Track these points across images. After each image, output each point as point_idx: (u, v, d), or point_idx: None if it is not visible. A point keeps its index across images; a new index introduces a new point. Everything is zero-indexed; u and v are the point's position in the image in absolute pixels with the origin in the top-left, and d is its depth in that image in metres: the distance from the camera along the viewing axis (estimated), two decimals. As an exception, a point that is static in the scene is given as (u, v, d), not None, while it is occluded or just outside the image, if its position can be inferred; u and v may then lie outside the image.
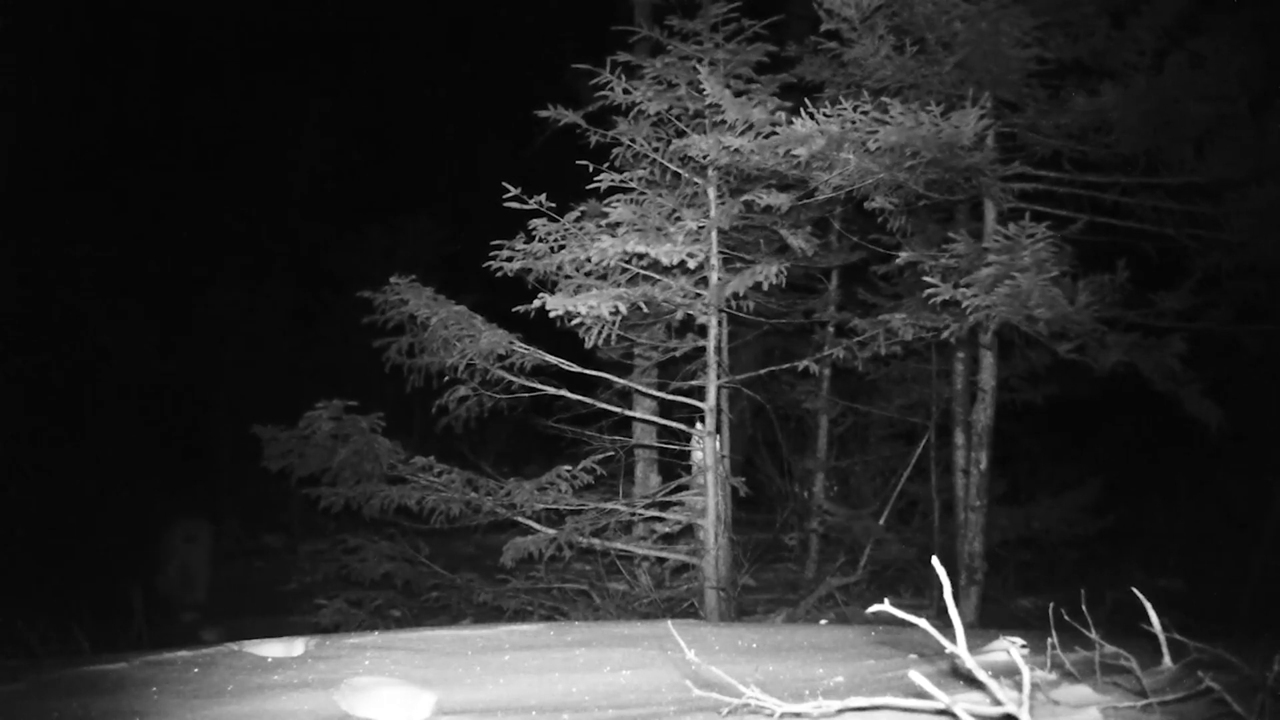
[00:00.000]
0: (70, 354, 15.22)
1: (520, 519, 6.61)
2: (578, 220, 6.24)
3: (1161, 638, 2.84)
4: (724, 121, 5.58)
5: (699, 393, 6.54)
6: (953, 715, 2.28)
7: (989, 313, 4.98)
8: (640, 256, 6.04)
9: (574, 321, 5.97)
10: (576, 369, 6.47)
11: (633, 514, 6.84)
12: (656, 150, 6.36)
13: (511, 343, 6.19)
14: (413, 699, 2.98)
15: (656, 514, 6.79)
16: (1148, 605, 2.83)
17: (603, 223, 6.18)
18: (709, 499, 6.41)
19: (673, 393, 6.82)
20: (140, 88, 15.94)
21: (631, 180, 6.31)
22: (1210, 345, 5.83)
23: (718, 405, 6.50)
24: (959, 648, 2.41)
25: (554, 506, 6.61)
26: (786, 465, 9.16)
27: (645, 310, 6.18)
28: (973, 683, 2.56)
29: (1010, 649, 2.75)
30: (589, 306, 5.73)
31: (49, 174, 14.77)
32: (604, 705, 2.97)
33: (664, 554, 6.79)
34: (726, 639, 3.69)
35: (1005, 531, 7.79)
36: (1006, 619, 7.16)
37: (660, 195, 6.38)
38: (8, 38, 12.60)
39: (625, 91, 6.08)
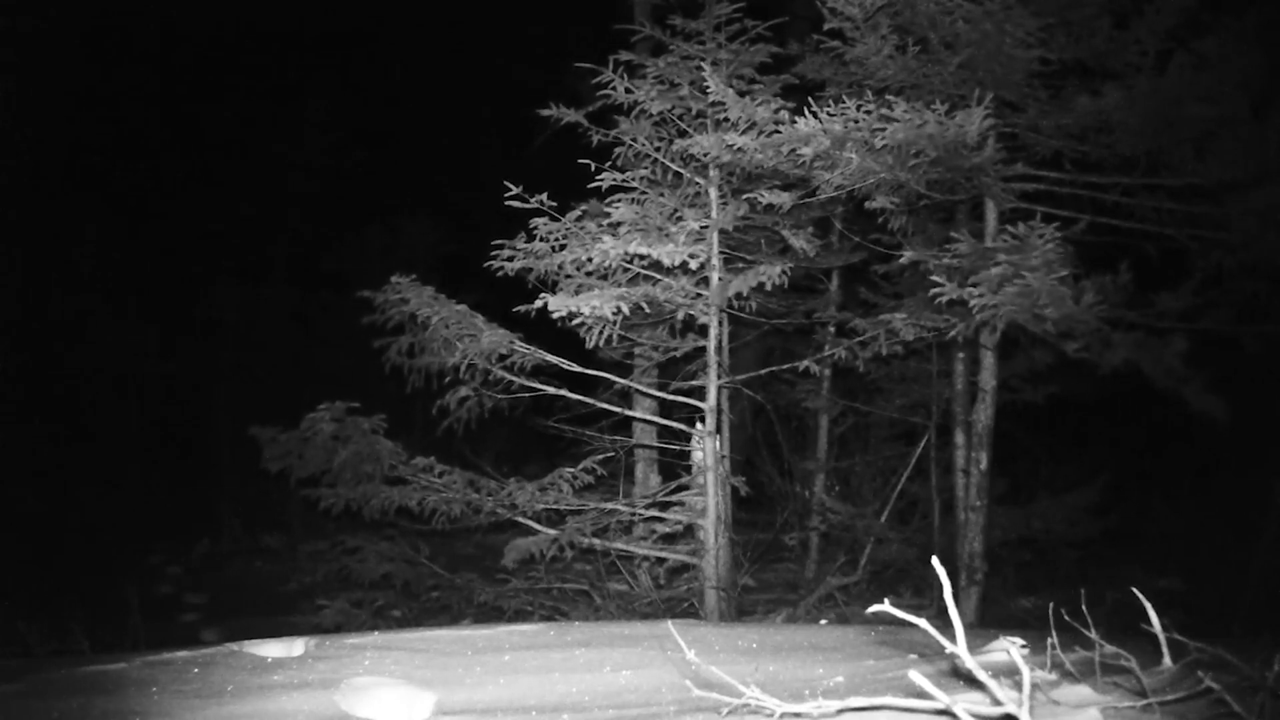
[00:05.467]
0: (70, 354, 15.22)
1: (521, 519, 6.61)
2: (579, 220, 6.25)
3: (1161, 638, 2.84)
4: (726, 121, 5.58)
5: (699, 393, 6.54)
6: (953, 715, 2.28)
7: (997, 312, 4.98)
8: (642, 257, 6.04)
9: (575, 321, 5.97)
10: (577, 369, 6.47)
11: (633, 514, 6.84)
12: (658, 150, 6.36)
13: (512, 343, 6.19)
14: (413, 699, 2.98)
15: (657, 514, 6.79)
16: (1148, 605, 2.82)
17: (604, 222, 6.18)
18: (709, 499, 6.41)
19: (673, 393, 6.82)
20: (140, 88, 15.93)
21: (633, 180, 6.31)
22: (1210, 345, 5.83)
23: (718, 405, 6.50)
24: (959, 648, 2.41)
25: (555, 507, 6.61)
26: (787, 465, 9.16)
27: (646, 310, 6.19)
28: (973, 683, 2.56)
29: (1010, 649, 2.75)
30: (591, 307, 5.73)
31: (49, 174, 14.78)
32: (604, 705, 2.97)
33: (664, 554, 6.79)
34: (726, 639, 3.69)
35: (1005, 531, 7.79)
36: (1006, 619, 7.16)
37: (662, 195, 6.38)
38: (8, 38, 12.60)
39: (627, 91, 6.08)
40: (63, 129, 14.75)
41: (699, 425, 6.63)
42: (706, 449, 6.46)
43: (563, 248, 6.17)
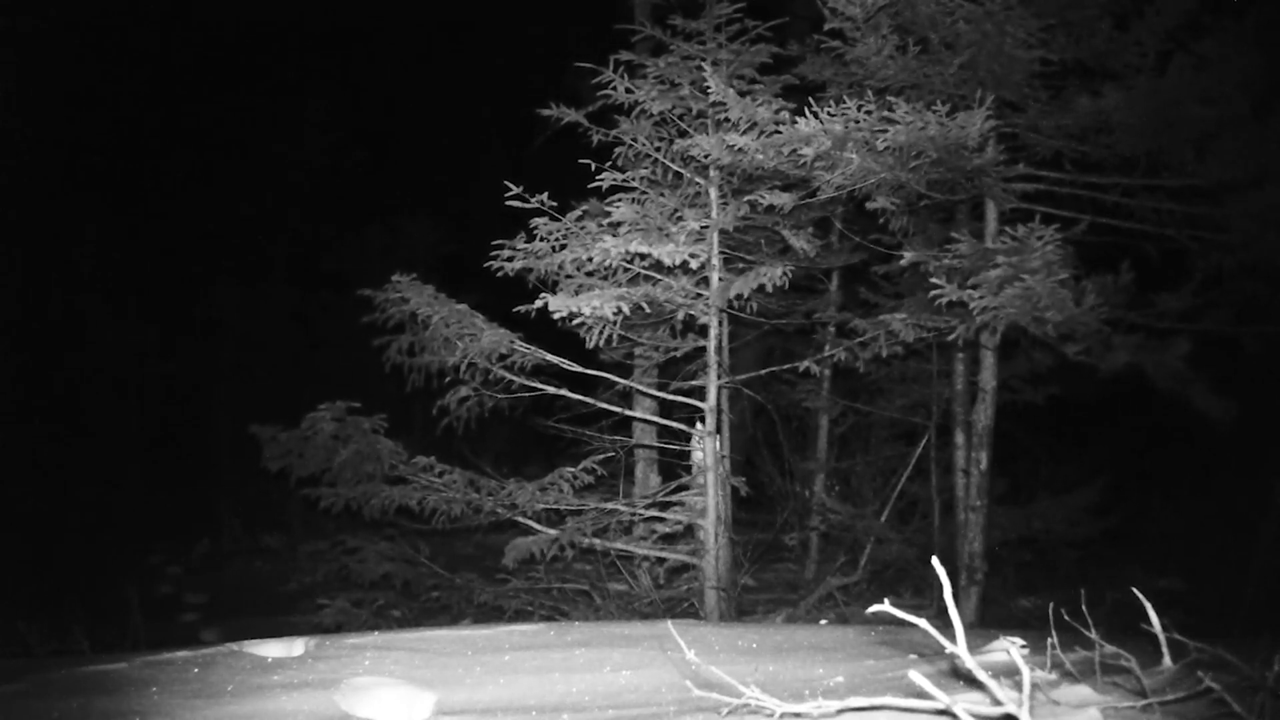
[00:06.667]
0: (70, 354, 15.22)
1: (521, 519, 6.61)
2: (579, 220, 6.25)
3: (1161, 638, 2.84)
4: (727, 121, 5.58)
5: (699, 393, 6.54)
6: (953, 715, 2.28)
7: (997, 314, 4.98)
8: (642, 257, 6.04)
9: (575, 322, 5.97)
10: (577, 369, 6.47)
11: (633, 514, 6.84)
12: (659, 150, 6.36)
13: (513, 342, 6.19)
14: (413, 699, 2.98)
15: (657, 514, 6.79)
16: (1148, 605, 2.82)
17: (604, 222, 6.18)
18: (709, 499, 6.41)
19: (673, 393, 6.82)
20: (140, 87, 15.93)
21: (633, 180, 6.31)
22: (1210, 345, 5.83)
23: (718, 405, 6.50)
24: (959, 648, 2.41)
25: (555, 507, 6.61)
26: (787, 465, 9.16)
27: (647, 310, 6.19)
28: (973, 683, 2.56)
29: (1010, 649, 2.75)
30: (591, 307, 5.73)
31: (49, 174, 14.77)
32: (604, 705, 2.97)
33: (664, 554, 6.79)
34: (726, 639, 3.69)
35: (1005, 531, 7.79)
36: (1006, 619, 7.16)
37: (662, 195, 6.38)
38: (8, 38, 12.59)
39: (628, 91, 6.08)
40: (63, 129, 14.74)
41: (699, 425, 6.63)
42: (706, 449, 6.46)
43: (563, 248, 6.17)
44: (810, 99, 5.07)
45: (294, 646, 3.59)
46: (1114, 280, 5.12)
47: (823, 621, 6.07)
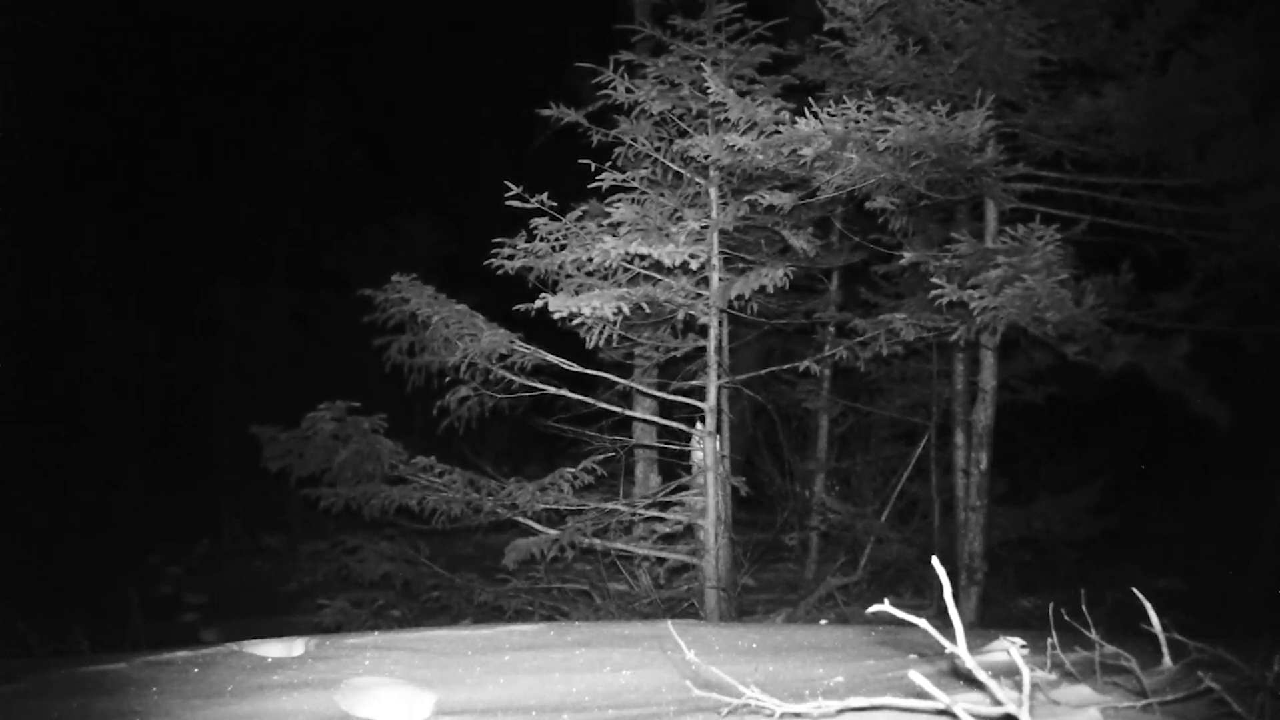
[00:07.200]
0: (70, 354, 15.22)
1: (521, 519, 6.62)
2: (579, 220, 6.25)
3: (1161, 638, 2.84)
4: (727, 121, 5.58)
5: (699, 393, 6.54)
6: (953, 715, 2.28)
7: (997, 314, 4.98)
8: (642, 257, 6.04)
9: (575, 322, 5.97)
10: (577, 369, 6.47)
11: (633, 514, 6.84)
12: (658, 150, 6.36)
13: (512, 342, 6.19)
14: (413, 699, 2.98)
15: (657, 514, 6.79)
16: (1148, 605, 2.83)
17: (604, 222, 6.18)
18: (709, 499, 6.41)
19: (673, 393, 6.82)
20: (140, 87, 15.92)
21: (633, 180, 6.31)
22: (1210, 346, 5.83)
23: (718, 405, 6.50)
24: (959, 648, 2.41)
25: (555, 507, 6.61)
26: (787, 465, 9.16)
27: (647, 310, 6.19)
28: (973, 683, 2.56)
29: (1010, 649, 2.75)
30: (592, 307, 5.73)
31: (49, 173, 14.76)
32: (604, 705, 2.97)
33: (664, 554, 6.79)
34: (726, 639, 3.69)
35: (1005, 531, 7.79)
36: (1006, 619, 7.16)
37: (662, 195, 6.39)
38: (8, 37, 12.59)
39: (628, 91, 6.08)
40: (63, 129, 14.73)
41: (699, 425, 6.63)
42: (706, 449, 6.46)
43: (563, 248, 6.17)
44: (810, 99, 5.07)
45: (294, 646, 3.59)
46: (1114, 280, 5.12)
47: (823, 621, 6.07)
